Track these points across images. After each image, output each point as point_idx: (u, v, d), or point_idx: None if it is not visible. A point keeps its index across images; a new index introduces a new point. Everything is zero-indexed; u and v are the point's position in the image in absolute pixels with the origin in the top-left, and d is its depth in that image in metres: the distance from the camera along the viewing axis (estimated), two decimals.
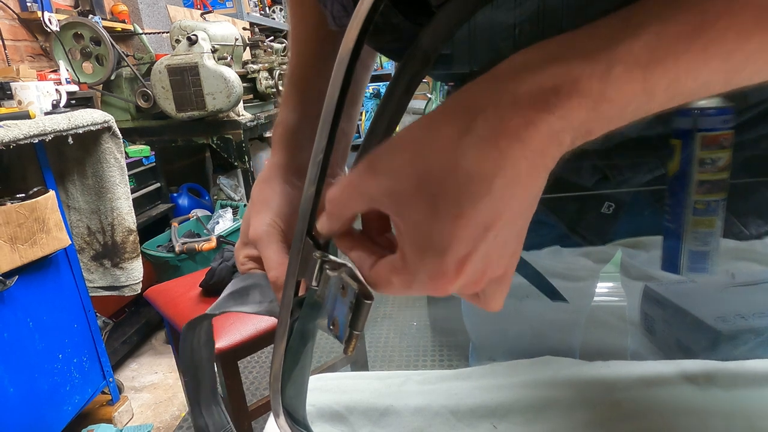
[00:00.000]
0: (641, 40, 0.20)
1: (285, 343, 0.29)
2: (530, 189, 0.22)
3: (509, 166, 0.21)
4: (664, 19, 0.20)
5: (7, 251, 1.13)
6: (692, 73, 0.21)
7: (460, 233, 0.22)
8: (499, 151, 0.21)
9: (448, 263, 0.22)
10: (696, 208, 0.41)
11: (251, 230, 0.38)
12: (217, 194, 2.73)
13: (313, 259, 0.26)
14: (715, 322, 0.51)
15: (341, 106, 0.24)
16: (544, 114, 0.21)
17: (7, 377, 1.18)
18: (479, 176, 0.21)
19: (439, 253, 0.22)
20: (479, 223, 0.22)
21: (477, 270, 0.23)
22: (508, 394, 0.48)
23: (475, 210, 0.21)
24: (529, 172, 0.21)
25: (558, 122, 0.21)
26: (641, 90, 0.21)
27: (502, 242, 0.23)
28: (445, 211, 0.21)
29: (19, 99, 1.36)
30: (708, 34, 0.20)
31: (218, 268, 1.23)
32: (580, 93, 0.21)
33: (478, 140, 0.21)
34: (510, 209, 0.22)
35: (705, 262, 0.42)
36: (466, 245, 0.22)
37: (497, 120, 0.21)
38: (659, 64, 0.20)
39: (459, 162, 0.21)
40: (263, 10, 4.08)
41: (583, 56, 0.21)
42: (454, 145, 0.21)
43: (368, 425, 0.47)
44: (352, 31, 0.22)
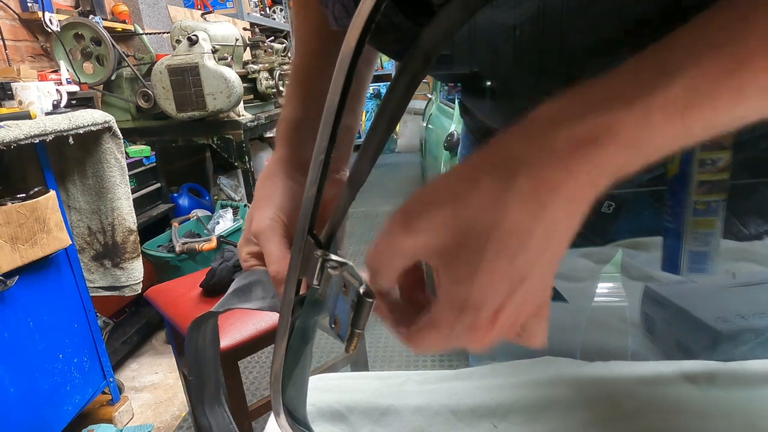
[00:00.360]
0: (678, 86, 0.20)
1: (286, 342, 0.29)
2: (566, 234, 0.23)
3: (548, 218, 0.22)
4: (699, 63, 0.20)
5: (7, 251, 1.13)
6: (729, 111, 0.21)
7: (496, 288, 0.22)
8: (539, 204, 0.21)
9: (484, 318, 0.23)
10: (696, 208, 0.41)
11: (253, 225, 0.38)
12: (218, 194, 2.73)
13: (314, 257, 0.26)
14: (715, 322, 0.51)
15: (342, 107, 0.24)
16: (584, 165, 0.21)
17: (8, 377, 1.18)
18: (519, 231, 0.22)
19: (476, 308, 0.23)
20: (515, 278, 0.22)
21: (511, 318, 0.24)
22: (509, 394, 0.48)
23: (511, 266, 0.22)
24: (566, 219, 0.22)
25: (596, 170, 0.22)
26: (680, 131, 0.21)
27: (535, 290, 0.24)
28: (484, 267, 0.22)
29: (20, 99, 1.36)
30: (743, 74, 0.20)
31: (218, 269, 1.23)
32: (620, 141, 0.21)
33: (520, 196, 0.21)
34: (545, 260, 0.23)
35: (705, 262, 0.42)
36: (500, 299, 0.23)
37: (538, 174, 0.21)
38: (697, 107, 0.21)
39: (500, 218, 0.22)
40: (263, 10, 4.08)
41: (621, 104, 0.21)
42: (496, 202, 0.22)
43: (369, 425, 0.47)
44: (353, 31, 0.22)
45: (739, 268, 0.48)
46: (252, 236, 0.38)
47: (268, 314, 1.10)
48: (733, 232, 0.44)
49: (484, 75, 0.38)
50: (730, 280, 0.50)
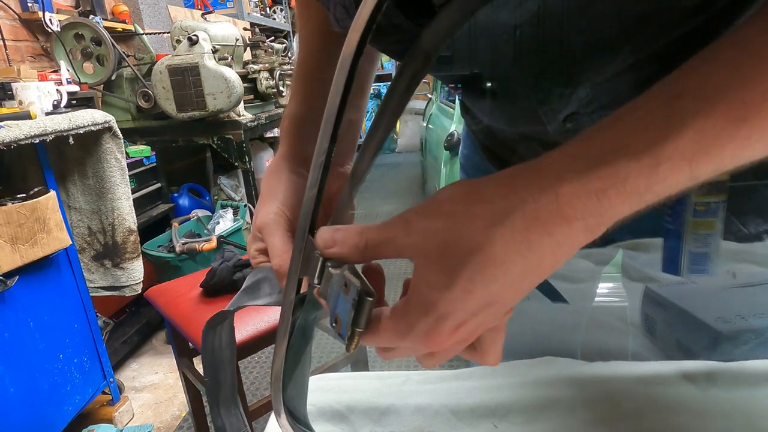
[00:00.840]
0: (686, 137, 0.21)
1: (287, 342, 0.29)
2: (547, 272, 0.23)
3: (533, 258, 0.22)
4: (707, 114, 0.21)
5: (7, 251, 1.13)
6: (736, 158, 0.21)
7: (464, 306, 0.23)
8: (528, 244, 0.22)
9: (445, 327, 0.24)
10: (696, 209, 0.41)
11: (257, 220, 0.38)
12: (218, 194, 2.73)
13: (315, 257, 0.26)
14: (715, 322, 0.51)
15: (343, 109, 0.24)
16: (582, 214, 0.22)
17: (8, 377, 1.18)
18: (501, 262, 0.22)
19: (440, 317, 0.23)
20: (485, 300, 0.23)
21: (469, 333, 0.25)
22: (509, 394, 0.48)
23: (486, 290, 0.23)
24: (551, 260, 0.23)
25: (595, 219, 0.22)
26: (686, 179, 0.22)
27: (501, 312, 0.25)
28: (458, 283, 0.23)
29: (20, 99, 1.37)
30: (750, 123, 0.20)
31: (219, 269, 1.23)
32: (627, 192, 0.21)
33: (510, 230, 0.22)
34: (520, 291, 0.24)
35: (705, 263, 0.42)
36: (464, 316, 0.23)
37: (534, 216, 0.22)
38: (705, 156, 0.21)
39: (486, 245, 0.22)
40: (264, 10, 4.08)
41: (629, 157, 0.21)
42: (486, 229, 0.22)
43: (369, 424, 0.48)
44: (354, 33, 0.22)
45: (739, 270, 0.49)
46: (257, 231, 0.39)
47: (268, 314, 1.10)
48: (732, 232, 0.44)
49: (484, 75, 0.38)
50: (731, 280, 0.50)
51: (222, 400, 0.39)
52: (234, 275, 1.21)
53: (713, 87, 0.21)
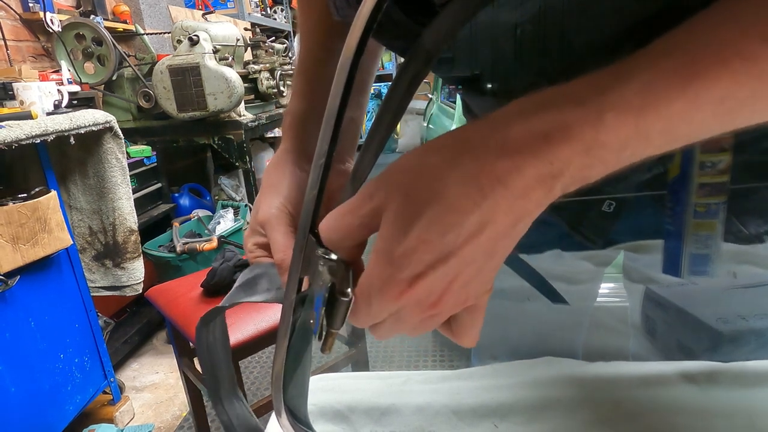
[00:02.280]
0: (632, 87, 0.21)
1: (287, 342, 0.29)
2: (506, 230, 0.23)
3: (487, 207, 0.22)
4: (655, 68, 0.21)
5: (8, 251, 1.13)
6: (686, 118, 0.21)
7: (420, 255, 0.23)
8: (480, 190, 0.22)
9: (401, 277, 0.23)
10: (697, 210, 0.41)
11: (259, 214, 0.38)
12: (218, 194, 2.73)
13: (315, 256, 0.26)
14: (716, 323, 0.51)
15: (343, 110, 0.24)
16: (532, 159, 0.21)
17: (9, 377, 1.18)
18: (455, 210, 0.22)
19: (397, 266, 0.23)
20: (442, 250, 0.22)
21: (434, 290, 0.24)
22: (510, 394, 0.48)
23: (441, 239, 0.22)
24: (507, 214, 0.22)
25: (546, 168, 0.21)
26: (634, 134, 0.21)
27: (470, 272, 0.24)
28: (414, 234, 0.22)
29: (21, 99, 1.37)
30: (699, 82, 0.20)
31: (219, 269, 1.23)
32: (572, 139, 0.21)
33: (461, 176, 0.22)
34: (479, 246, 0.23)
35: (706, 265, 0.42)
36: (422, 265, 0.23)
37: (483, 160, 0.22)
38: (651, 110, 0.21)
39: (440, 192, 0.22)
40: (264, 10, 4.08)
41: (574, 103, 0.21)
42: (440, 176, 0.22)
43: (370, 424, 0.48)
44: (354, 33, 0.22)
45: (740, 271, 0.49)
46: (258, 226, 0.38)
47: (269, 314, 1.10)
48: (733, 232, 0.44)
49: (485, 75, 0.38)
50: (731, 281, 0.50)
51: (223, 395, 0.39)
52: (235, 275, 1.21)
53: (669, 46, 0.21)
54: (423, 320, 0.26)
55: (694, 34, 0.21)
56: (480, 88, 0.40)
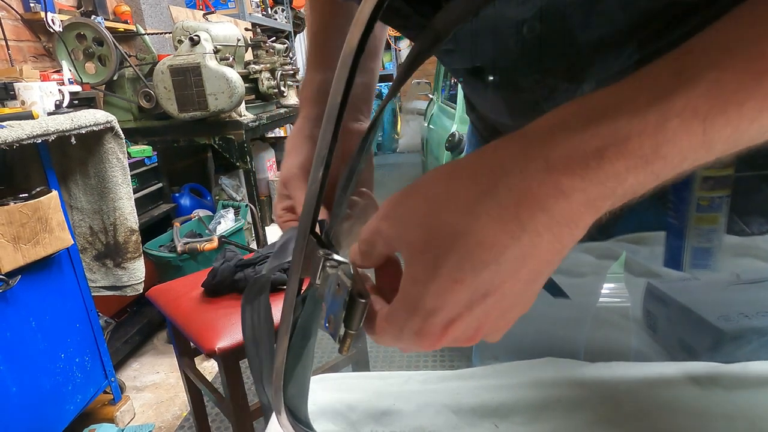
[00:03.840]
0: (699, 90, 0.18)
1: (288, 341, 0.29)
2: (549, 258, 0.20)
3: (527, 239, 0.19)
4: (722, 67, 0.18)
5: (10, 251, 1.13)
6: (756, 121, 0.18)
7: (454, 298, 0.21)
8: (519, 222, 0.19)
9: (435, 324, 0.21)
10: (700, 204, 0.40)
11: (282, 174, 0.39)
12: (219, 194, 2.73)
13: (316, 256, 0.26)
14: (718, 321, 0.51)
15: (344, 108, 0.24)
16: (581, 182, 0.18)
17: (10, 376, 1.19)
18: (490, 245, 0.19)
19: (428, 313, 0.21)
20: (477, 290, 0.20)
21: (469, 329, 0.22)
22: (510, 394, 0.48)
23: (476, 279, 0.20)
24: (551, 243, 0.20)
25: (596, 189, 0.18)
26: (700, 144, 0.18)
27: (505, 306, 0.22)
28: (445, 273, 0.20)
29: (23, 99, 1.37)
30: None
31: (220, 268, 1.23)
32: (629, 154, 0.18)
33: (497, 207, 0.19)
34: (520, 281, 0.20)
35: (708, 258, 0.42)
36: (457, 310, 0.21)
37: (522, 187, 0.19)
38: (720, 114, 0.18)
39: (471, 226, 0.19)
40: (265, 10, 4.08)
41: (632, 111, 0.18)
42: (470, 208, 0.20)
43: (370, 424, 0.48)
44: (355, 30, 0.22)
45: (742, 265, 0.48)
46: (283, 188, 0.39)
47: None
48: (734, 231, 0.44)
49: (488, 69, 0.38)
50: (734, 277, 0.50)
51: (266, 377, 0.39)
52: (235, 275, 1.21)
53: (729, 40, 0.18)
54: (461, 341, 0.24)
55: (752, 25, 0.18)
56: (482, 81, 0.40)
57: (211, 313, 1.12)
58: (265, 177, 3.00)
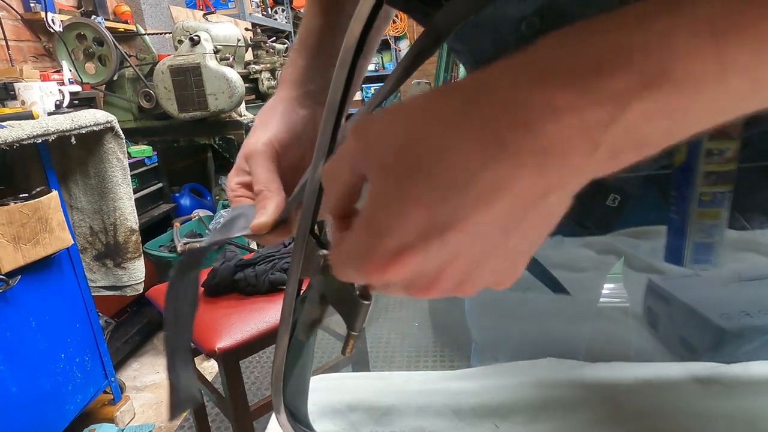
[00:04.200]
0: (712, 2, 0.15)
1: (287, 341, 0.29)
2: (532, 200, 0.17)
3: (506, 163, 0.16)
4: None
5: (10, 251, 1.13)
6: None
7: (409, 221, 0.18)
8: (499, 140, 0.16)
9: (384, 248, 0.19)
10: (702, 199, 0.40)
11: (244, 148, 0.38)
12: (219, 194, 2.73)
13: (316, 257, 0.26)
14: (719, 319, 0.50)
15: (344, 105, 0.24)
16: (574, 98, 0.15)
17: (10, 376, 1.19)
18: (462, 165, 0.17)
19: (378, 232, 0.19)
20: (437, 217, 0.18)
21: (426, 272, 0.20)
22: (510, 395, 0.48)
23: (441, 203, 0.17)
24: (533, 175, 0.17)
25: (592, 111, 0.15)
26: (713, 67, 0.15)
27: (478, 253, 0.19)
28: (405, 192, 0.18)
29: (23, 99, 1.37)
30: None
31: (220, 269, 1.23)
32: (631, 69, 0.15)
33: (477, 121, 0.17)
34: (492, 217, 0.18)
35: (709, 254, 0.41)
36: (411, 236, 0.18)
37: (508, 100, 0.16)
38: (735, 32, 0.15)
39: (446, 142, 0.17)
40: (265, 10, 4.09)
41: (634, 24, 0.16)
42: (448, 122, 0.17)
43: (370, 424, 0.48)
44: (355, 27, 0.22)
45: (744, 260, 0.48)
46: (243, 162, 0.38)
47: (269, 314, 1.10)
48: (735, 228, 0.44)
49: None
50: (736, 274, 0.49)
51: (179, 354, 0.38)
52: (235, 275, 1.21)
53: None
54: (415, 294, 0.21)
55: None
56: None
57: (211, 313, 1.12)
58: None
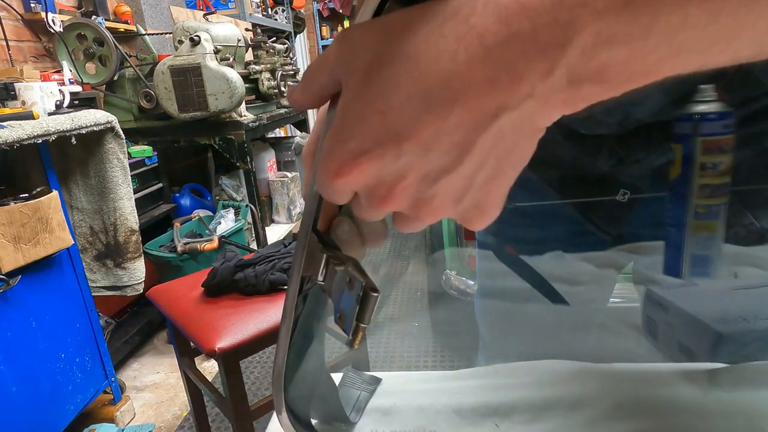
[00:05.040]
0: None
1: (289, 340, 0.29)
2: (482, 119, 0.17)
3: (456, 78, 0.16)
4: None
5: (10, 251, 1.13)
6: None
7: (368, 127, 0.18)
8: (452, 54, 0.16)
9: (343, 151, 0.19)
10: (697, 212, 0.41)
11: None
12: (219, 194, 2.73)
13: (318, 254, 0.26)
14: (717, 324, 0.51)
15: None
16: (525, 11, 0.15)
17: (11, 376, 1.19)
18: (417, 79, 0.17)
19: (339, 137, 0.19)
20: (394, 127, 0.18)
21: (383, 178, 0.20)
22: (511, 394, 0.48)
23: (396, 113, 0.18)
24: (484, 93, 0.16)
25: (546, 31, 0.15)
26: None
27: (432, 167, 0.19)
28: (369, 100, 0.18)
29: (23, 99, 1.37)
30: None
31: (220, 269, 1.23)
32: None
33: (433, 38, 0.17)
34: (441, 131, 0.17)
35: (707, 266, 0.42)
36: (369, 143, 0.18)
37: (464, 16, 0.16)
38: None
39: (404, 56, 0.17)
40: (265, 11, 4.09)
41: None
42: (409, 37, 0.17)
43: (370, 424, 0.48)
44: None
45: (740, 272, 0.48)
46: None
47: (269, 314, 1.10)
48: (743, 224, 0.44)
49: None
50: (733, 282, 0.50)
51: None
52: (235, 275, 1.21)
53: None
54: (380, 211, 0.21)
55: None
56: None
57: (211, 313, 1.12)
58: (265, 177, 3.00)
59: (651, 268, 0.55)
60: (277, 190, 3.01)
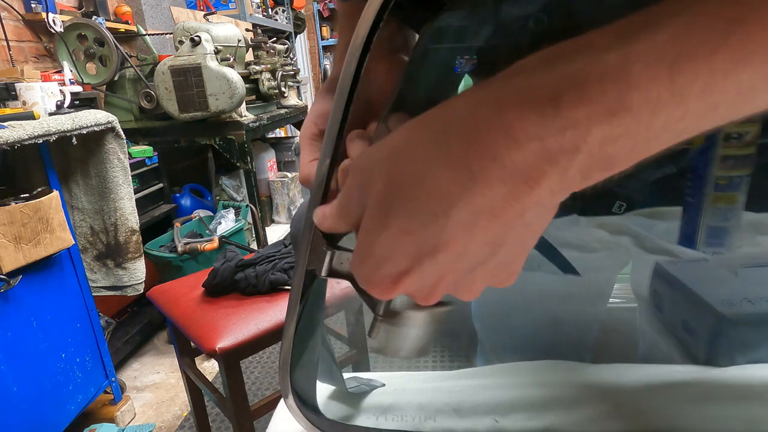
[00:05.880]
0: (665, 33, 0.16)
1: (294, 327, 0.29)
2: (511, 220, 0.19)
3: (478, 191, 0.18)
4: (693, 12, 0.16)
5: (11, 251, 1.13)
6: (731, 75, 0.16)
7: (401, 250, 0.20)
8: (469, 171, 0.18)
9: (383, 276, 0.21)
10: (718, 183, 0.39)
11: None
12: (220, 195, 2.73)
13: (322, 249, 0.26)
14: (721, 306, 0.50)
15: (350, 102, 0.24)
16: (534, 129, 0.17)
17: (11, 376, 1.19)
18: (440, 196, 0.19)
19: (376, 264, 0.21)
20: (426, 243, 0.20)
21: (423, 286, 0.22)
22: (510, 393, 0.49)
23: (424, 231, 0.19)
24: (507, 201, 0.18)
25: (555, 140, 0.17)
26: (669, 95, 0.16)
27: (463, 266, 0.21)
28: (394, 223, 0.20)
29: (24, 100, 1.37)
30: (747, 27, 0.15)
31: (221, 269, 1.23)
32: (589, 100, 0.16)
33: (447, 155, 0.18)
34: (474, 238, 0.19)
35: (722, 238, 0.41)
36: (406, 263, 0.20)
37: (472, 132, 0.18)
38: (688, 62, 0.16)
39: (423, 176, 0.19)
40: (266, 11, 4.09)
41: (591, 54, 0.17)
42: (424, 157, 0.19)
43: (371, 419, 0.48)
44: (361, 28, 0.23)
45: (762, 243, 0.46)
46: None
47: (270, 314, 1.10)
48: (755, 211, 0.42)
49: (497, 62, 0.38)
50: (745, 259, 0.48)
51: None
52: (236, 275, 1.21)
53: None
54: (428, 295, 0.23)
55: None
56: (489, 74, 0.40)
57: (212, 313, 1.12)
58: (265, 177, 3.00)
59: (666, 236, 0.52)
60: (278, 191, 3.01)
